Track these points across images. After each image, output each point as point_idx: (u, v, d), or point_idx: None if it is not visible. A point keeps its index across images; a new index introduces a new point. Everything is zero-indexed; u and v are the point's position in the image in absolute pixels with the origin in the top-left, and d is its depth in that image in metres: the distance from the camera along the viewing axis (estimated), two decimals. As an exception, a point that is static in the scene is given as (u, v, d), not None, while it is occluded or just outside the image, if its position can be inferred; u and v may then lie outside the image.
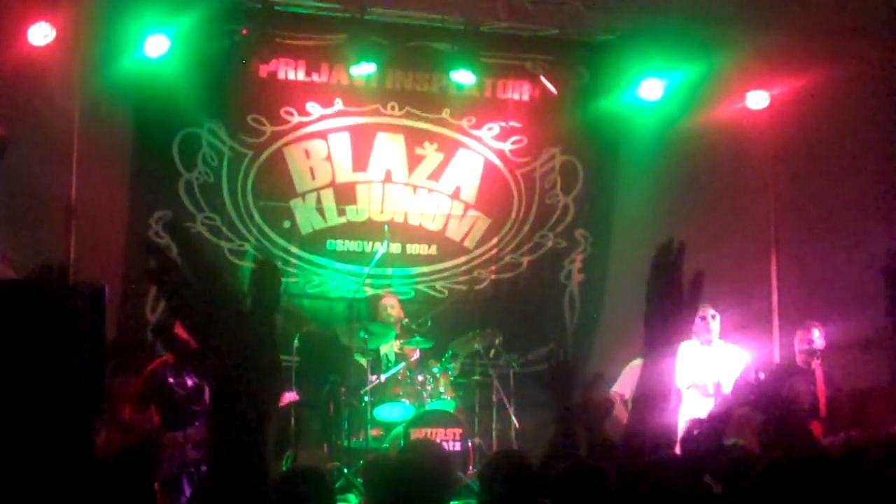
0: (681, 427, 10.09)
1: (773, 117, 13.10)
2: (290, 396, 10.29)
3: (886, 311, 11.61)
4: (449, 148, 12.79)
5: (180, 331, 2.59)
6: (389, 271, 12.44)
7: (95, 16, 11.17)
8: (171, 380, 9.60)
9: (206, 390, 9.62)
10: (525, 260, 12.96)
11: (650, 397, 3.12)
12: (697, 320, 10.20)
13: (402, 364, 11.04)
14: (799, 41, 12.96)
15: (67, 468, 6.39)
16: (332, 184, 12.42)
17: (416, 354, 11.14)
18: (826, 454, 3.97)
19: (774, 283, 12.99)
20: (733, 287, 12.40)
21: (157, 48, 11.30)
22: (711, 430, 5.40)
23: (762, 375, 9.41)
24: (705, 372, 10.09)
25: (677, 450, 5.72)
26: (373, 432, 10.74)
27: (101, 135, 11.48)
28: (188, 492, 9.29)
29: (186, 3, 11.33)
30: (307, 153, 12.37)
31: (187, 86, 11.51)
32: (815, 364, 9.96)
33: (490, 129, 12.89)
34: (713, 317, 10.19)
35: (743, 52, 12.72)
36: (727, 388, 9.77)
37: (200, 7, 11.37)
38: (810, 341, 10.06)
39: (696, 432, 5.40)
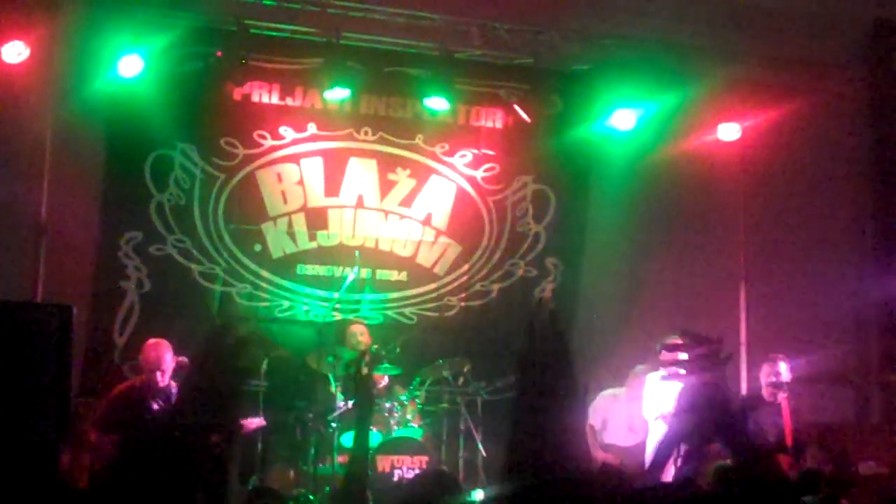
0: (648, 455, 10.25)
1: (745, 149, 13.19)
2: (257, 422, 10.23)
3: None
4: (421, 174, 12.78)
5: None
6: (359, 297, 12.40)
7: (70, 35, 11.14)
8: (136, 404, 9.57)
9: (174, 414, 9.60)
10: (495, 287, 12.95)
11: None
12: (664, 352, 10.22)
13: (371, 390, 10.99)
14: (770, 73, 13.08)
15: (31, 489, 6.34)
16: (303, 208, 12.39)
17: (385, 381, 11.10)
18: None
19: (743, 314, 13.04)
20: (702, 318, 12.45)
21: (130, 69, 11.25)
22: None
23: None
24: (672, 402, 10.12)
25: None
26: (339, 459, 10.67)
27: (72, 154, 11.46)
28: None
29: (161, 24, 11.31)
30: (279, 177, 12.34)
31: (161, 107, 11.47)
32: (782, 397, 9.96)
33: (463, 156, 12.89)
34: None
35: (715, 84, 12.81)
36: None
37: (175, 28, 11.35)
38: (777, 374, 10.04)
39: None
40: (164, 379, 9.63)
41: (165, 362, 9.60)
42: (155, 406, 9.57)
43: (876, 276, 13.68)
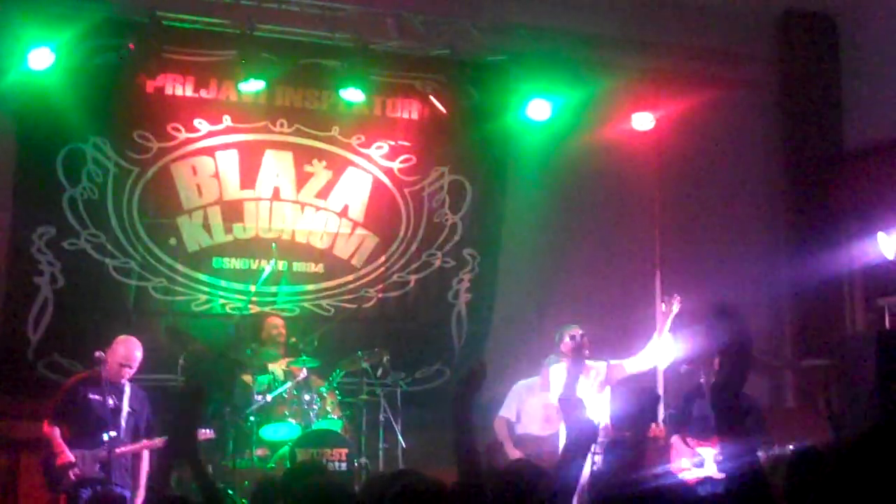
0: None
1: (659, 138, 13.30)
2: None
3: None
4: (338, 166, 12.72)
5: None
6: (275, 289, 12.35)
7: (-23, 28, 10.96)
8: (90, 396, 9.56)
9: (123, 413, 9.63)
10: (413, 279, 12.94)
11: None
12: (566, 339, 10.39)
13: (289, 383, 10.96)
14: (683, 63, 13.25)
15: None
16: (219, 201, 12.28)
17: (303, 373, 11.05)
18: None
19: (658, 301, 13.14)
20: (617, 305, 12.58)
21: (41, 61, 11.02)
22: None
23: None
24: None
25: None
26: (258, 452, 10.64)
27: (-18, 149, 11.27)
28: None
29: (71, 16, 11.13)
30: (194, 170, 12.21)
31: (72, 100, 11.28)
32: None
33: (379, 147, 12.86)
34: (582, 336, 10.36)
35: (629, 75, 12.95)
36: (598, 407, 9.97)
37: (86, 20, 11.17)
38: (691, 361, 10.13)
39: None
40: (126, 375, 9.63)
41: (135, 360, 9.60)
42: (110, 402, 9.50)
43: (788, 262, 13.90)
